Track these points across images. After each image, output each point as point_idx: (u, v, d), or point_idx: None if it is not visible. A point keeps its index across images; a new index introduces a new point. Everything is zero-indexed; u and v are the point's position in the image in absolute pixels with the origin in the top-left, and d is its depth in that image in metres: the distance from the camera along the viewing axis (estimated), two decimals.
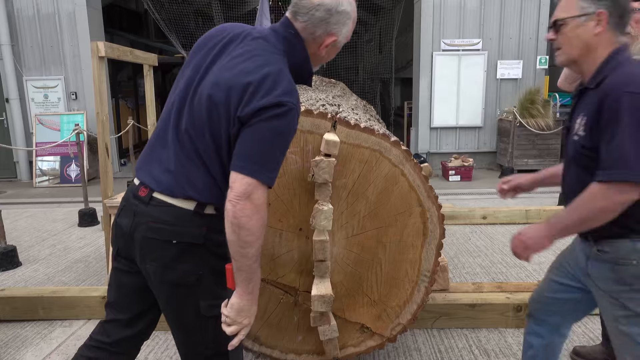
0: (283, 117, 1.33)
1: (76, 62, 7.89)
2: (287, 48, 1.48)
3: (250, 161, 1.32)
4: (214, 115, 1.38)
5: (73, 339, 2.88)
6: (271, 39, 1.47)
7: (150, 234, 1.42)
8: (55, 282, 3.74)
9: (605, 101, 1.42)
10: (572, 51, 1.56)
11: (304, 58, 1.52)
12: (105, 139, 3.36)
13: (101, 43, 3.19)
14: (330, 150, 1.92)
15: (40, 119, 7.82)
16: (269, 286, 2.15)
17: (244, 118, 1.33)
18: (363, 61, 14.31)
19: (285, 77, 1.39)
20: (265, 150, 1.34)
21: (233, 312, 1.40)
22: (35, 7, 7.74)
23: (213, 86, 1.39)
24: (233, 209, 1.31)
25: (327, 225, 1.93)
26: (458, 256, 4.20)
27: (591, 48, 1.52)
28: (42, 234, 5.02)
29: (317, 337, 2.12)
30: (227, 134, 1.38)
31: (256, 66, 1.37)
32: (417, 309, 2.18)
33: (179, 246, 1.42)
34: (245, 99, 1.34)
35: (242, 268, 1.37)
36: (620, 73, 1.45)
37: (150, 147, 1.52)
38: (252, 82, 1.34)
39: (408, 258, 2.13)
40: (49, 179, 7.79)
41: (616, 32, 1.51)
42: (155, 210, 1.42)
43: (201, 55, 1.48)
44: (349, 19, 1.52)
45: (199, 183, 1.41)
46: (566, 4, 1.54)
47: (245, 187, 1.31)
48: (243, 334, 1.44)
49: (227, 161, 1.40)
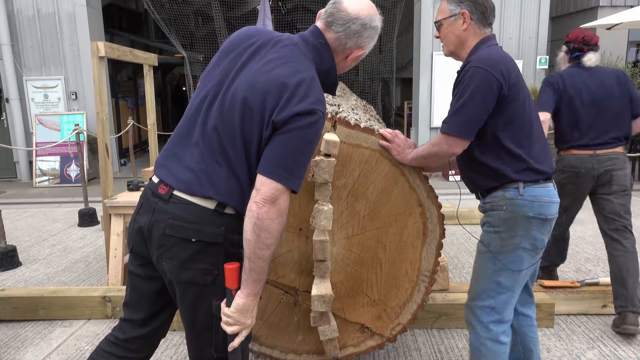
0: (314, 125, 1.38)
1: (76, 62, 7.89)
2: (315, 57, 1.52)
3: (280, 167, 1.36)
4: (247, 117, 1.40)
5: (73, 339, 2.89)
6: (302, 46, 1.51)
7: (169, 231, 1.42)
8: (55, 282, 3.74)
9: (462, 72, 1.79)
10: (449, 45, 1.93)
11: (330, 67, 1.56)
12: (105, 139, 3.36)
13: (101, 43, 3.19)
14: (330, 150, 1.92)
15: (40, 119, 7.82)
16: (269, 286, 2.15)
17: (278, 123, 1.36)
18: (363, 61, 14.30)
19: (317, 85, 1.44)
20: (296, 157, 1.38)
21: (237, 312, 1.41)
22: (35, 7, 7.74)
23: (248, 89, 1.41)
24: (258, 211, 1.34)
25: (327, 225, 1.93)
26: (458, 256, 4.20)
27: (462, 40, 1.89)
28: (42, 234, 5.02)
29: (317, 337, 2.12)
30: (259, 137, 1.40)
31: (290, 72, 1.41)
32: (417, 309, 2.18)
33: (197, 245, 1.42)
34: (281, 104, 1.37)
35: (255, 269, 1.39)
36: (478, 55, 1.80)
37: (173, 146, 1.52)
38: (288, 88, 1.38)
39: (408, 258, 2.13)
40: (49, 179, 7.79)
41: (480, 26, 1.86)
42: (175, 208, 1.42)
43: (231, 58, 1.50)
44: (377, 34, 1.59)
45: (221, 183, 1.42)
46: (441, 8, 1.92)
47: (273, 192, 1.34)
48: (244, 334, 1.45)
49: (255, 164, 1.42)
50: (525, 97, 1.80)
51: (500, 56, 1.78)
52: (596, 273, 3.75)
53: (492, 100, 1.72)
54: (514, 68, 1.78)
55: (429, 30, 7.83)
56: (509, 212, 1.81)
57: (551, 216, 1.82)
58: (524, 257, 1.83)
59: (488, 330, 1.87)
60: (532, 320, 2.04)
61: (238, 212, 1.45)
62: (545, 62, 8.05)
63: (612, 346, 2.70)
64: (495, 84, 1.71)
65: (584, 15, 8.87)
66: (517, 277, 1.84)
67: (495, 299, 1.86)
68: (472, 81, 1.72)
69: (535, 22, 7.93)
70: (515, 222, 1.80)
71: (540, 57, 8.03)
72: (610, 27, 6.65)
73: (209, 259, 1.44)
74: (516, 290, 1.87)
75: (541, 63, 8.06)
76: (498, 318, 1.87)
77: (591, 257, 4.11)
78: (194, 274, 1.44)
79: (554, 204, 1.83)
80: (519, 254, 1.82)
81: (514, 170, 1.79)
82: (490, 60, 1.74)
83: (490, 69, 1.71)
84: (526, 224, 1.80)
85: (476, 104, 1.73)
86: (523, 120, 1.79)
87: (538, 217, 1.79)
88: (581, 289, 3.06)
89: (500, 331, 1.87)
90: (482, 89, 1.71)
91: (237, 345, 1.44)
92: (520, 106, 1.77)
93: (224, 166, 1.42)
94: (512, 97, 1.75)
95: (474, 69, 1.73)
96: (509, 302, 1.87)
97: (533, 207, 1.78)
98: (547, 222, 1.82)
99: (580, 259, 4.05)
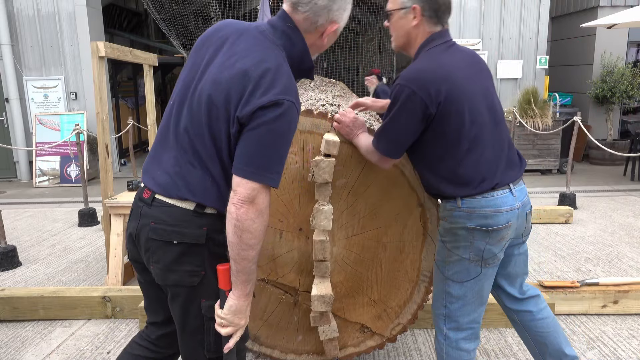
0: (283, 116, 1.31)
1: (76, 62, 7.89)
2: (286, 42, 1.45)
3: (253, 165, 1.31)
4: (213, 115, 1.36)
5: (73, 339, 2.88)
6: (269, 34, 1.44)
7: (152, 234, 1.42)
8: (55, 282, 3.74)
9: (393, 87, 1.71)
10: (398, 39, 1.82)
11: (303, 51, 1.49)
12: (105, 139, 3.36)
13: (101, 43, 3.19)
14: (330, 150, 1.92)
15: (40, 119, 7.82)
16: (269, 286, 2.15)
17: (243, 118, 1.32)
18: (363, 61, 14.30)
19: (285, 73, 1.36)
20: (269, 153, 1.33)
21: (230, 313, 1.40)
22: (35, 7, 7.74)
23: (212, 85, 1.37)
24: (237, 212, 1.31)
25: (327, 225, 1.93)
26: None
27: (412, 37, 1.78)
28: (42, 234, 5.02)
29: (317, 337, 2.12)
30: (227, 135, 1.36)
31: (254, 63, 1.35)
32: (417, 309, 2.18)
33: (180, 247, 1.41)
34: (245, 97, 1.32)
35: (243, 270, 1.37)
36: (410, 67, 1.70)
37: (154, 150, 1.52)
38: (251, 80, 1.32)
39: (408, 258, 2.13)
40: (49, 179, 7.79)
41: (431, 24, 1.75)
42: (157, 211, 1.42)
43: (199, 55, 1.46)
44: (348, 4, 1.51)
45: (196, 184, 1.40)
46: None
47: (249, 192, 1.31)
48: (238, 335, 1.44)
49: (228, 161, 1.39)
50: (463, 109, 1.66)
51: (432, 70, 1.66)
52: (596, 273, 3.75)
53: (417, 121, 1.66)
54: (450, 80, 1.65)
55: None
56: (449, 222, 1.77)
57: (496, 226, 1.71)
58: (469, 268, 1.76)
59: (446, 337, 1.85)
60: (533, 315, 1.97)
61: (220, 212, 1.43)
62: (545, 62, 8.06)
63: (612, 346, 2.70)
64: (420, 105, 1.62)
65: (584, 15, 8.87)
66: (466, 287, 1.79)
67: (447, 307, 1.83)
68: (396, 100, 1.66)
69: (535, 22, 7.94)
70: (455, 233, 1.76)
71: (540, 57, 8.03)
72: (610, 27, 6.65)
73: (194, 260, 1.43)
74: (469, 297, 1.80)
75: (541, 63, 8.06)
76: (454, 325, 1.84)
77: (591, 257, 4.11)
78: (180, 276, 1.43)
79: (501, 213, 1.71)
80: (464, 265, 1.77)
81: (449, 185, 1.74)
82: (418, 76, 1.64)
83: (417, 87, 1.62)
84: (467, 235, 1.74)
85: (401, 125, 1.68)
86: (460, 135, 1.68)
87: (479, 229, 1.71)
88: (581, 289, 3.06)
89: (460, 338, 1.83)
90: (406, 110, 1.64)
91: (232, 346, 1.43)
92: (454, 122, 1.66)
93: (197, 167, 1.40)
94: (441, 115, 1.65)
95: (400, 86, 1.65)
96: (463, 310, 1.81)
97: (472, 218, 1.72)
98: (493, 232, 1.72)
99: (580, 259, 4.05)
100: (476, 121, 1.70)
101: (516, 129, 7.29)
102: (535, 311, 1.98)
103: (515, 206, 1.75)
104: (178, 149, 1.42)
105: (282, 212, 2.06)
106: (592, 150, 8.46)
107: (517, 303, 1.99)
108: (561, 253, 4.20)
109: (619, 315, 3.03)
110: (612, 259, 4.04)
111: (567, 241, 4.52)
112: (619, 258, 4.06)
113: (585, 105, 8.82)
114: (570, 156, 5.53)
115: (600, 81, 8.46)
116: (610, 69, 8.39)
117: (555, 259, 4.06)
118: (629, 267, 3.86)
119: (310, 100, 2.42)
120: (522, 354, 2.64)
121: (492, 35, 7.91)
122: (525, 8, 7.87)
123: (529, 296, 2.00)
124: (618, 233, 4.74)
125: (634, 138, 7.34)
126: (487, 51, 7.90)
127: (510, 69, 7.99)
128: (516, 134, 7.33)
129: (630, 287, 3.04)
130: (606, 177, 7.43)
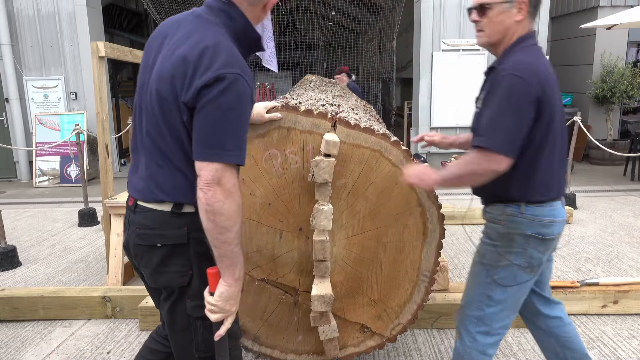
0: (228, 90, 1.28)
1: (76, 62, 7.89)
2: (225, 19, 1.42)
3: (209, 146, 1.30)
4: (165, 109, 1.35)
5: (73, 339, 2.88)
6: (206, 15, 1.43)
7: (137, 240, 1.46)
8: (55, 282, 3.74)
9: (495, 78, 1.62)
10: (494, 35, 1.71)
11: (244, 24, 1.45)
12: (105, 139, 3.36)
13: (101, 43, 3.19)
14: (330, 150, 1.92)
15: (40, 119, 7.82)
16: (269, 286, 2.15)
17: (190, 102, 1.31)
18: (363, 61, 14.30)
19: (224, 49, 1.33)
20: (222, 131, 1.30)
21: (222, 300, 1.38)
22: (35, 7, 7.74)
23: (158, 80, 1.37)
24: (205, 196, 1.30)
25: (327, 225, 1.93)
26: (458, 256, 4.20)
27: (509, 33, 1.69)
28: (42, 234, 5.02)
29: (317, 337, 2.12)
30: (183, 124, 1.35)
31: (192, 46, 1.33)
32: (417, 309, 2.18)
33: (164, 249, 1.43)
34: (187, 82, 1.30)
35: (225, 254, 1.35)
36: (515, 58, 1.62)
37: (132, 158, 1.56)
38: (190, 62, 1.30)
39: (408, 258, 2.13)
40: (49, 179, 7.79)
41: (530, 20, 1.70)
42: (140, 217, 1.45)
43: (146, 57, 1.48)
44: None
45: (167, 184, 1.41)
46: None
47: (213, 173, 1.29)
48: (229, 322, 1.43)
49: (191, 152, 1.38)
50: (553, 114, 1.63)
51: (538, 65, 1.61)
52: (596, 273, 3.75)
53: (529, 109, 1.57)
54: (549, 82, 1.61)
55: (429, 30, 7.83)
56: (507, 227, 1.74)
57: (551, 236, 1.74)
58: (517, 274, 1.76)
59: (474, 339, 1.83)
60: (561, 320, 1.97)
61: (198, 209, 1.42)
62: None
63: (612, 346, 2.70)
64: (531, 93, 1.56)
65: (584, 15, 8.87)
66: (509, 292, 1.79)
67: (483, 311, 1.81)
68: (504, 89, 1.57)
69: (535, 22, 7.93)
70: (512, 239, 1.74)
71: None
72: (610, 27, 6.65)
73: (180, 260, 1.44)
74: (509, 303, 1.81)
75: None
76: (486, 330, 1.82)
77: (591, 257, 4.11)
78: (169, 277, 1.45)
79: (557, 223, 1.74)
80: (512, 270, 1.76)
81: (519, 188, 1.70)
82: (527, 67, 1.58)
83: (527, 76, 1.56)
84: (523, 242, 1.73)
85: (514, 113, 1.56)
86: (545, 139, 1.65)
87: (536, 237, 1.72)
88: (581, 289, 3.06)
89: (488, 342, 1.82)
90: (517, 97, 1.56)
91: (224, 333, 1.42)
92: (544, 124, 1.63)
93: (164, 166, 1.40)
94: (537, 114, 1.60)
95: (510, 75, 1.56)
96: (499, 315, 1.81)
97: (532, 225, 1.71)
98: (547, 241, 1.74)
99: (580, 259, 4.05)
100: (557, 129, 1.68)
101: None
102: (564, 317, 1.99)
103: (565, 217, 1.79)
104: (146, 153, 1.44)
105: (282, 212, 2.06)
106: (592, 150, 8.46)
107: (550, 308, 1.98)
108: (561, 253, 4.20)
109: (619, 315, 3.03)
110: (612, 259, 4.04)
111: (567, 241, 4.52)
112: (619, 258, 4.06)
113: (585, 105, 8.82)
114: (570, 156, 5.53)
115: (600, 81, 8.46)
116: (610, 69, 8.39)
117: (555, 258, 4.06)
118: (629, 267, 3.86)
119: (310, 100, 2.42)
120: (522, 354, 2.64)
121: None
122: None
123: (557, 302, 2.01)
124: (618, 233, 4.74)
125: (634, 138, 7.34)
126: (487, 51, 7.89)
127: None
128: None
129: (630, 287, 3.04)
130: (606, 177, 7.43)
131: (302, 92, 3.00)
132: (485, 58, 7.88)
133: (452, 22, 7.84)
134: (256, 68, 11.63)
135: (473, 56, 7.89)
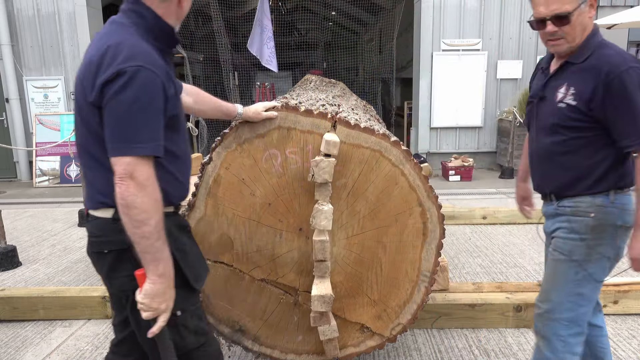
0: (131, 83, 1.29)
1: (76, 62, 7.88)
2: (136, 19, 1.44)
3: (118, 140, 1.31)
4: (84, 114, 1.39)
5: (73, 339, 2.88)
6: (118, 19, 1.46)
7: (89, 248, 1.51)
8: (55, 282, 3.74)
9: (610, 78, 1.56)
10: (577, 38, 1.66)
11: (155, 19, 1.46)
12: None
13: None
14: (330, 150, 1.92)
15: (40, 119, 7.82)
16: (269, 286, 2.15)
17: (96, 101, 1.33)
18: (363, 61, 14.30)
19: (127, 45, 1.34)
20: (129, 124, 1.31)
21: (147, 298, 1.37)
22: (35, 7, 7.74)
23: (76, 90, 1.42)
24: (119, 190, 1.31)
25: (327, 225, 1.93)
26: (458, 256, 4.20)
27: (587, 30, 1.66)
28: (42, 234, 5.02)
29: (317, 337, 2.12)
30: (99, 125, 1.37)
31: (97, 48, 1.36)
32: (417, 309, 2.18)
33: (111, 255, 1.46)
34: (91, 82, 1.33)
35: (146, 249, 1.35)
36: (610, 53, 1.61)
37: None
38: (94, 64, 1.34)
39: (408, 258, 2.13)
40: (49, 179, 7.79)
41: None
42: (90, 226, 1.50)
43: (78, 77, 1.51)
44: None
45: (101, 185, 1.43)
46: None
47: (124, 167, 1.31)
48: (163, 320, 1.41)
49: None
50: None
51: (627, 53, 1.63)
52: None
53: None
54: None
55: (429, 30, 7.84)
56: (597, 219, 1.68)
57: (631, 225, 1.69)
58: (606, 267, 1.72)
59: (566, 343, 1.75)
60: (602, 330, 1.95)
61: None
62: None
63: (612, 346, 2.69)
64: None
65: None
66: (598, 287, 1.74)
67: (576, 311, 1.74)
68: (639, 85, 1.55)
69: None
70: (603, 230, 1.69)
71: (540, 57, 8.02)
72: (610, 27, 6.65)
73: (128, 264, 1.44)
74: (595, 298, 1.77)
75: None
76: (578, 330, 1.76)
77: None
78: (122, 282, 1.48)
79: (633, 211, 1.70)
80: (603, 264, 1.71)
81: (615, 173, 1.67)
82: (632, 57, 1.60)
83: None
84: (614, 233, 1.69)
85: None
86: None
87: (625, 226, 1.69)
88: None
89: (577, 342, 1.77)
90: None
91: (157, 331, 1.41)
92: None
93: (95, 168, 1.43)
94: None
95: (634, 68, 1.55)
96: (589, 312, 1.77)
97: (622, 215, 1.68)
98: (629, 230, 1.70)
99: None
100: None
101: (516, 129, 7.29)
102: (604, 327, 1.97)
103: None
104: (82, 162, 1.48)
105: (282, 212, 2.06)
106: None
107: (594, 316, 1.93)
108: None
109: (619, 315, 3.03)
110: None
111: None
112: None
113: None
114: None
115: None
116: None
117: None
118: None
119: (310, 100, 2.42)
120: (522, 354, 2.64)
121: (492, 35, 7.91)
122: (525, 8, 7.86)
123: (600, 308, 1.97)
124: None
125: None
126: (487, 51, 7.90)
127: (510, 69, 7.98)
128: (516, 133, 7.33)
129: (630, 287, 3.04)
130: None
131: (302, 92, 3.01)
132: (485, 58, 7.89)
133: (452, 22, 7.84)
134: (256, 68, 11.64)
135: (473, 56, 7.90)
